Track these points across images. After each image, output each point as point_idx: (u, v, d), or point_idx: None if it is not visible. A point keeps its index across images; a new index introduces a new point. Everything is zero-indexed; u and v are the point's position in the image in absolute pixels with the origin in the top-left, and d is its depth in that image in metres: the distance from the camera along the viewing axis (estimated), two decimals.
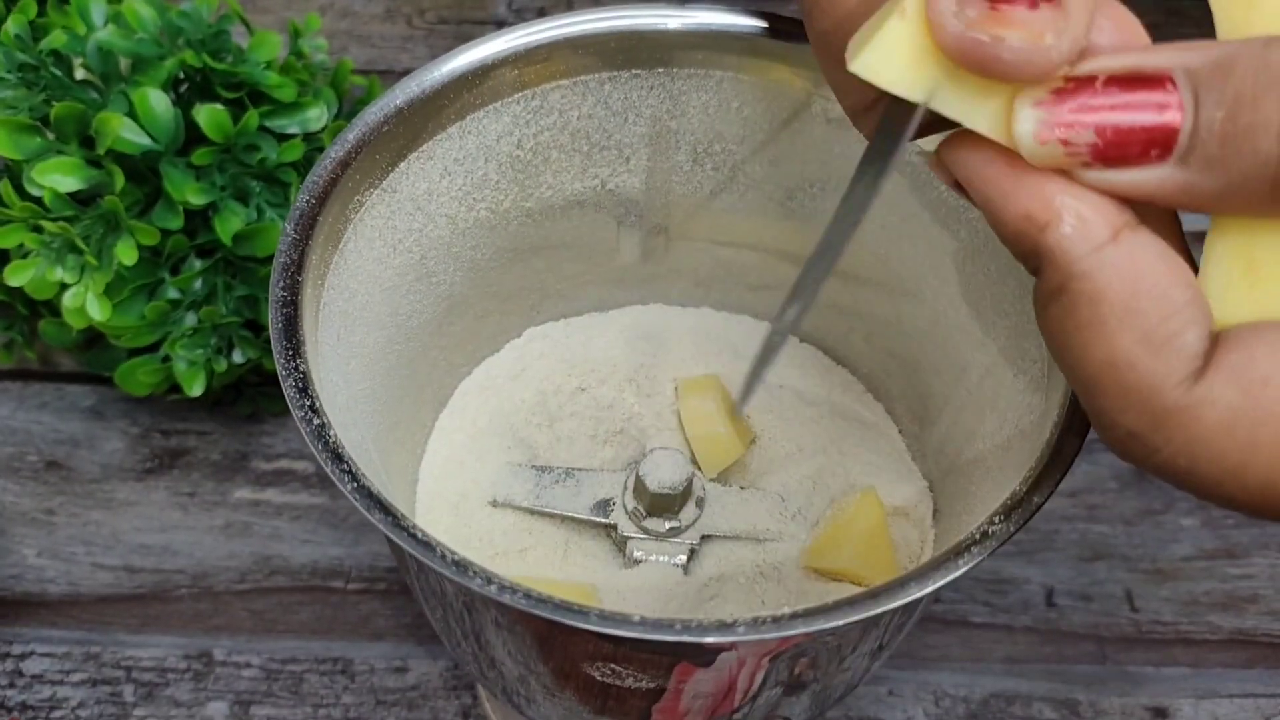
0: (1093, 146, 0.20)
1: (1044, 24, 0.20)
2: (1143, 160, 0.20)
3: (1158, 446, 0.21)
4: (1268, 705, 0.44)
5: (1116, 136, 0.20)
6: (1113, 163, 0.20)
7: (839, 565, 0.36)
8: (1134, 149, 0.20)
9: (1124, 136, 0.20)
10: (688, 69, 0.35)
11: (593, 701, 0.32)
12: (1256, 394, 0.20)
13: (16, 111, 0.41)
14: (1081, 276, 0.21)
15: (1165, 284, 0.21)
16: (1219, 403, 0.20)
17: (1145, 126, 0.20)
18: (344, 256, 0.32)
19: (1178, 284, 0.21)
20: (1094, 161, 0.20)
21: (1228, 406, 0.20)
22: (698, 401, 0.39)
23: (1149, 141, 0.20)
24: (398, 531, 0.26)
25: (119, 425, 0.50)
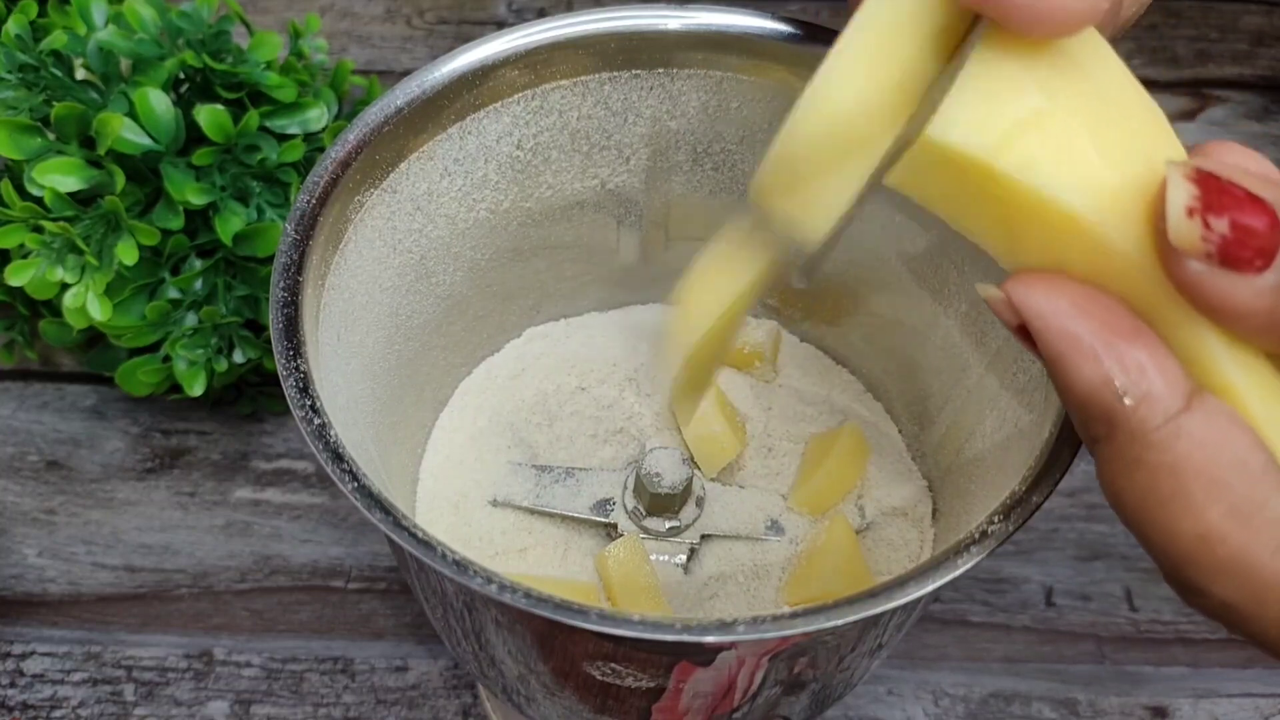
0: (1223, 238, 0.20)
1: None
2: (1248, 267, 0.20)
3: (1256, 616, 0.21)
4: (1267, 705, 0.44)
5: (1243, 234, 0.20)
6: (1228, 262, 0.20)
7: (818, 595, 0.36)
8: (1248, 252, 0.20)
9: (1247, 235, 0.20)
10: (688, 69, 0.35)
11: (593, 700, 0.32)
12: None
13: (17, 112, 0.41)
14: (1160, 447, 0.20)
15: (1242, 450, 0.20)
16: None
17: (1260, 231, 0.20)
18: (344, 257, 0.32)
19: (1253, 448, 0.21)
20: (1216, 255, 0.20)
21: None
22: None
23: (1260, 249, 0.20)
24: (398, 531, 0.26)
25: (120, 425, 0.50)
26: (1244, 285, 0.20)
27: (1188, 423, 0.20)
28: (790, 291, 0.41)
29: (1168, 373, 0.21)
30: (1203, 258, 0.20)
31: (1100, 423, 0.21)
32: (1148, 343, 0.21)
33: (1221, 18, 0.64)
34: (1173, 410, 0.20)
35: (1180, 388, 0.21)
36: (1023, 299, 0.22)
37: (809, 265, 0.24)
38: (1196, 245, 0.20)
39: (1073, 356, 0.21)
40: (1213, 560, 0.21)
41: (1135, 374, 0.20)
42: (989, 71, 0.20)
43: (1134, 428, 0.21)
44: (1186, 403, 0.20)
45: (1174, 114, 0.61)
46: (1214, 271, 0.20)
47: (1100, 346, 0.21)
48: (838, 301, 0.40)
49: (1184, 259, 0.20)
